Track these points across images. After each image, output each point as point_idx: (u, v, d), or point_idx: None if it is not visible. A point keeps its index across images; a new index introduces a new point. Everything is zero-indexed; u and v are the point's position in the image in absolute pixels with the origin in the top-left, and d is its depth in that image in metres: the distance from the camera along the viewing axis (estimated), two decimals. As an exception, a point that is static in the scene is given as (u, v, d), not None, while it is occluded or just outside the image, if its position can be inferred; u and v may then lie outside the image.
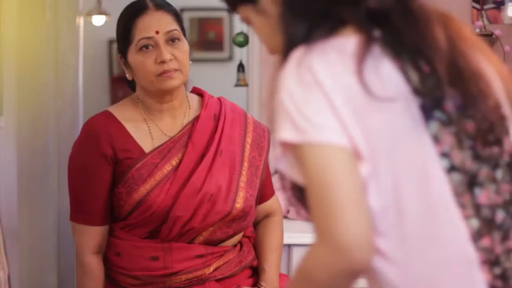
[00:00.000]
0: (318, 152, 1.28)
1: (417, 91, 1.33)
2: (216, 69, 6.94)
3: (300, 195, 1.38)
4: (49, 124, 4.75)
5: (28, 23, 4.11)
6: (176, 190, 2.33)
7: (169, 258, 2.34)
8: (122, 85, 6.68)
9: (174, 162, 2.37)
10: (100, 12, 6.08)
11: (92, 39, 6.48)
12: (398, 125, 1.32)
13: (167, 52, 2.32)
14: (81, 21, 5.26)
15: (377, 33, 1.36)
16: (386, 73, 1.33)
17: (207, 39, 7.15)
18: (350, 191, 1.27)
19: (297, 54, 1.34)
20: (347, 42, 1.35)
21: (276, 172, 1.42)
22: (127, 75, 2.41)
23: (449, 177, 1.32)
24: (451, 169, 1.33)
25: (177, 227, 2.33)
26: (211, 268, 2.38)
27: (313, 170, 1.28)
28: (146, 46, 2.34)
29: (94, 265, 2.37)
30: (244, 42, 3.88)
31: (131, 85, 2.48)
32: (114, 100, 6.87)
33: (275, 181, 3.32)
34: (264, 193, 2.54)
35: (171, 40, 2.35)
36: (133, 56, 2.36)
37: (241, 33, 3.92)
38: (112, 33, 2.54)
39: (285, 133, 1.31)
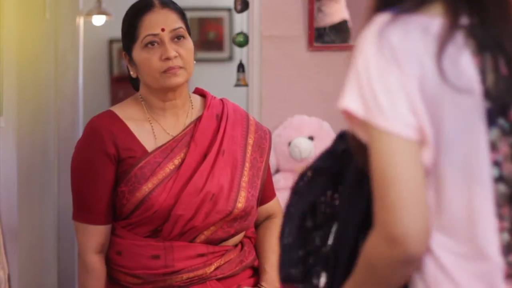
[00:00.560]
0: (384, 141, 1.28)
1: (488, 94, 1.30)
2: (216, 69, 6.94)
3: (363, 160, 1.37)
4: (49, 124, 4.75)
5: (28, 23, 4.11)
6: (178, 189, 2.33)
7: (170, 256, 2.34)
8: (122, 85, 6.69)
9: (176, 161, 2.37)
10: (100, 12, 6.07)
11: (92, 39, 6.47)
12: (461, 123, 1.30)
13: (172, 49, 2.33)
14: (81, 21, 5.26)
15: (464, 20, 1.33)
16: (464, 67, 1.31)
17: (207, 39, 7.15)
18: (411, 188, 1.27)
19: (381, 20, 1.32)
20: (433, 22, 1.32)
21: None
22: (131, 73, 2.41)
23: (495, 186, 1.31)
24: (499, 179, 1.31)
25: (179, 226, 2.33)
26: (212, 267, 2.38)
27: (377, 159, 1.28)
28: (152, 43, 2.34)
29: (97, 264, 2.37)
30: (244, 42, 3.88)
31: (135, 84, 2.48)
32: (114, 100, 6.86)
33: (275, 181, 3.32)
34: (265, 195, 2.54)
35: (176, 37, 2.36)
36: (138, 53, 2.36)
37: (241, 33, 3.92)
38: (112, 33, 2.56)
39: (351, 102, 1.30)
